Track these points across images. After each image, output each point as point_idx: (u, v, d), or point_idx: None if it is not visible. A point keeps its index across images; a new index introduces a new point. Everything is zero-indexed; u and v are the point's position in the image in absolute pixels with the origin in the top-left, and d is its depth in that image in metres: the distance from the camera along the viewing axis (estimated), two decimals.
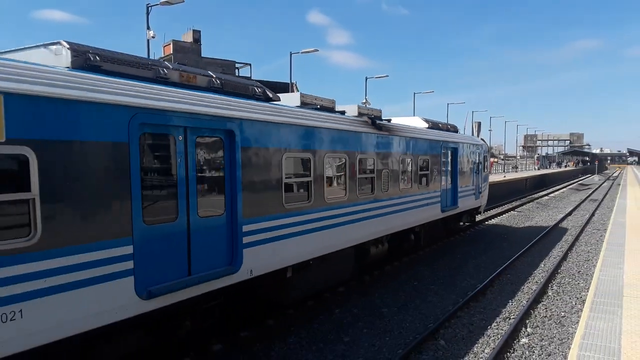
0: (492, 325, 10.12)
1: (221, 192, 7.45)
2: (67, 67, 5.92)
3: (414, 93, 52.44)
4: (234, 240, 7.57)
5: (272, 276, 8.61)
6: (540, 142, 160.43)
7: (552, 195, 43.10)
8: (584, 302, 10.73)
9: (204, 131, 7.14)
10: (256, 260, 7.94)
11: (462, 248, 17.88)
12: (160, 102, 6.40)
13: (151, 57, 28.21)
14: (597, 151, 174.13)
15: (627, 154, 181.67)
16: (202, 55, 61.61)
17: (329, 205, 10.00)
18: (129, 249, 5.95)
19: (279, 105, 9.03)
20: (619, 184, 54.12)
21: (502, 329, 9.85)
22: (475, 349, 8.94)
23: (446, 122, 18.57)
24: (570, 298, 12.04)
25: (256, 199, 8.02)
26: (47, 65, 5.59)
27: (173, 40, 60.20)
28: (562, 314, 10.90)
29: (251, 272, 7.90)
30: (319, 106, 10.72)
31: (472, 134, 43.15)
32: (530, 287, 12.87)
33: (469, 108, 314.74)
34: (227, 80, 8.22)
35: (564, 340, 9.31)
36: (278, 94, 9.54)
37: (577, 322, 9.49)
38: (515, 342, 9.29)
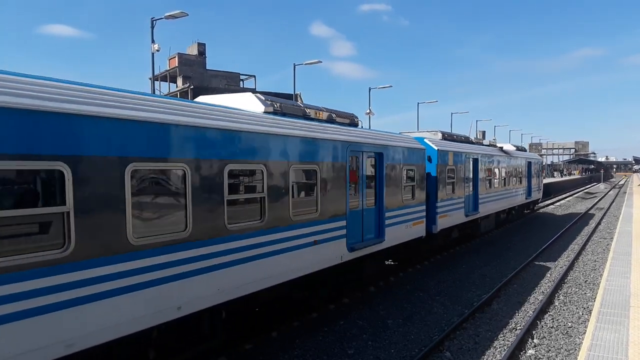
0: (499, 336, 10.05)
1: (469, 184, 18.98)
2: (440, 139, 17.40)
3: (418, 103, 52.59)
4: (476, 201, 19.60)
5: (479, 220, 20.82)
6: (545, 150, 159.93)
7: (557, 204, 42.91)
8: (590, 312, 10.64)
9: (465, 159, 18.36)
10: (485, 207, 20.63)
11: (467, 258, 17.80)
12: (461, 150, 18.71)
13: (156, 70, 28.52)
14: (603, 159, 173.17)
15: (633, 161, 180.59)
16: (207, 68, 62.18)
17: (494, 191, 22.22)
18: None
19: (484, 145, 22.94)
20: (625, 192, 53.82)
21: (508, 340, 9.77)
22: None
23: (521, 145, 33.47)
24: (577, 308, 11.94)
25: (485, 186, 20.54)
26: (435, 138, 17.32)
27: (178, 53, 60.80)
28: (569, 324, 10.80)
29: (480, 214, 19.92)
30: (485, 143, 24.53)
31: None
32: (537, 297, 12.77)
33: (473, 117, 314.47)
34: (464, 137, 21.22)
35: (571, 351, 9.22)
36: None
37: (584, 333, 9.41)
38: (522, 353, 9.21)
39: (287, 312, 10.37)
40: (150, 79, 27.69)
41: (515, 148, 28.23)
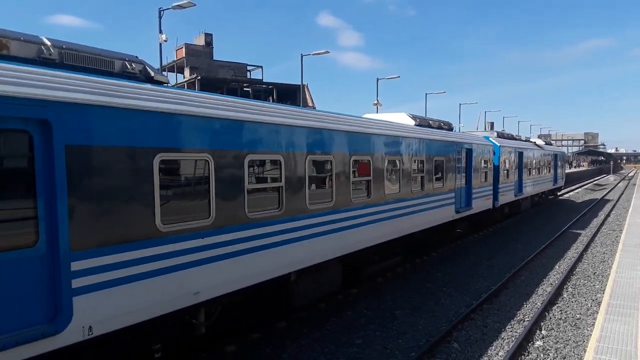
0: (506, 327, 10.03)
1: (516, 171, 24.61)
2: (496, 136, 23.53)
3: (426, 94, 52.25)
4: (521, 185, 25.12)
5: (520, 201, 26.05)
6: (554, 142, 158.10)
7: (566, 195, 42.65)
8: (599, 304, 10.60)
9: (514, 152, 24.12)
10: (526, 190, 25.94)
11: (475, 249, 17.76)
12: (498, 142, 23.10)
13: (163, 61, 28.51)
14: (612, 151, 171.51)
15: None
16: (214, 58, 61.98)
17: (532, 178, 27.43)
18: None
19: (523, 141, 29.50)
20: (635, 184, 53.35)
21: (516, 332, 9.76)
22: (489, 352, 8.86)
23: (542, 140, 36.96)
24: (585, 300, 11.89)
25: (526, 174, 26.07)
26: (493, 136, 23.30)
27: (185, 43, 60.58)
28: (578, 316, 10.77)
29: (523, 195, 25.62)
30: (523, 139, 30.78)
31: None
32: (545, 289, 12.73)
33: (481, 108, 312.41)
34: (510, 134, 28.25)
35: (579, 343, 9.19)
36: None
37: (593, 325, 9.38)
38: (529, 344, 9.20)
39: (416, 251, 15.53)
40: (158, 69, 27.62)
41: (544, 143, 34.28)
